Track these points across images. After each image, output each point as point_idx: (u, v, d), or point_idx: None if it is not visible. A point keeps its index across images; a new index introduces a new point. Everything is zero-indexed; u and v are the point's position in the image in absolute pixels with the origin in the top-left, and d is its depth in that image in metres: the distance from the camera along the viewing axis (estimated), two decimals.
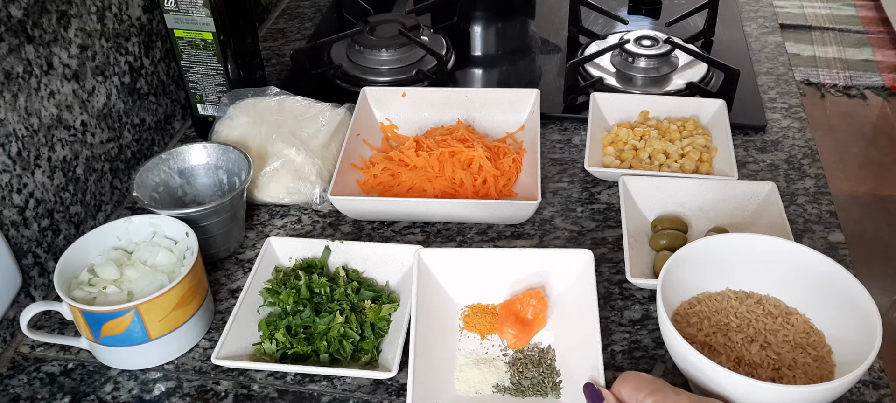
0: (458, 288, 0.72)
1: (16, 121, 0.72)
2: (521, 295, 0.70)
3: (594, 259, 0.69)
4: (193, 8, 0.86)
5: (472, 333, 0.71)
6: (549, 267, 0.71)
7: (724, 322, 0.65)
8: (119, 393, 0.69)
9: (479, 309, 0.72)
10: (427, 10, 1.20)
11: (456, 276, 0.72)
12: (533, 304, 0.69)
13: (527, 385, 0.65)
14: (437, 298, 0.71)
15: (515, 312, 0.69)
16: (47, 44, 0.75)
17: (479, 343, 0.70)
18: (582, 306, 0.68)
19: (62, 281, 0.68)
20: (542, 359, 0.67)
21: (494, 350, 0.69)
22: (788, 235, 0.73)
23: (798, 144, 0.94)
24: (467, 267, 0.72)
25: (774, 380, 0.60)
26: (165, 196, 0.82)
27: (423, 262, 0.70)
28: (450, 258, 0.71)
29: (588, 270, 0.69)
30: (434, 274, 0.71)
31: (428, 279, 0.71)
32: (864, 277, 0.63)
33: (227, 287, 0.79)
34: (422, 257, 0.70)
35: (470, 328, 0.71)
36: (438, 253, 0.71)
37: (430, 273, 0.71)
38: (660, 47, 1.04)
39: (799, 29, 2.97)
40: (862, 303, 0.61)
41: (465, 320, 0.71)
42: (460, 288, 0.72)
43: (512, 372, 0.67)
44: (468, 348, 0.69)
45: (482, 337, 0.70)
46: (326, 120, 0.91)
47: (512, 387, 0.66)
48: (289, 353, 0.69)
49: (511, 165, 0.87)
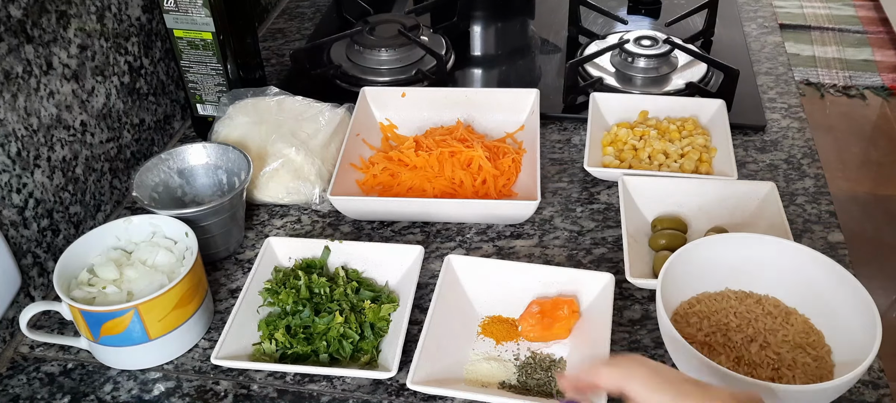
0: (481, 298, 0.73)
1: (15, 121, 0.72)
2: (555, 299, 0.71)
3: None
4: (193, 8, 0.86)
5: (488, 338, 0.71)
6: (573, 286, 0.72)
7: (723, 321, 0.65)
8: (118, 393, 0.69)
9: (498, 320, 0.72)
10: (427, 10, 1.20)
11: (481, 286, 0.73)
12: (564, 309, 0.69)
13: (532, 385, 0.66)
14: (460, 302, 0.72)
15: (543, 310, 0.70)
16: (47, 44, 0.75)
17: (494, 346, 0.71)
18: (598, 326, 0.68)
19: (62, 281, 0.68)
20: (552, 367, 0.68)
21: (507, 354, 0.70)
22: (788, 235, 0.74)
23: (797, 144, 0.94)
24: (494, 277, 0.73)
25: (774, 380, 0.60)
26: (165, 196, 0.82)
27: (452, 267, 0.72)
28: (478, 267, 0.73)
29: (607, 292, 0.70)
30: (461, 280, 0.73)
31: (454, 284, 0.72)
32: (864, 277, 0.63)
33: (227, 287, 0.79)
34: (451, 262, 0.73)
35: (487, 333, 0.71)
36: (467, 261, 0.73)
37: (457, 279, 0.73)
38: (659, 47, 1.04)
39: (798, 29, 2.97)
40: (861, 303, 0.61)
41: (482, 326, 0.72)
42: (483, 299, 0.73)
43: (520, 373, 0.68)
44: (482, 348, 0.70)
45: (497, 343, 0.71)
46: (326, 120, 0.91)
47: (517, 385, 0.66)
48: (288, 353, 0.69)
49: (510, 165, 0.87)
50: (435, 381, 0.64)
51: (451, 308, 0.70)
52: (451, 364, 0.68)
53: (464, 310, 0.72)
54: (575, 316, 0.70)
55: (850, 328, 0.61)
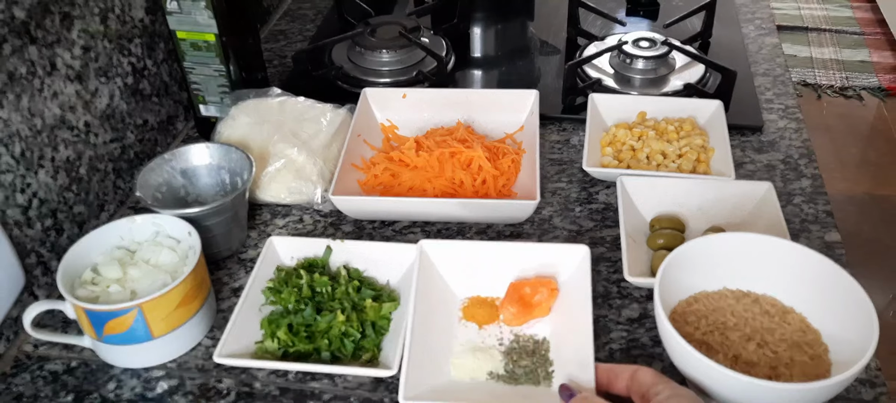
0: (458, 280, 0.74)
1: (19, 121, 0.73)
2: (532, 280, 0.71)
3: (591, 256, 0.70)
4: (196, 10, 0.86)
5: (470, 323, 0.72)
6: (549, 261, 0.73)
7: (721, 320, 0.65)
8: (122, 392, 0.69)
9: (478, 301, 0.73)
10: (427, 11, 1.21)
11: (457, 268, 0.73)
12: (543, 292, 0.70)
13: (520, 374, 0.67)
14: (438, 289, 0.72)
15: (522, 293, 0.70)
16: (50, 45, 0.76)
17: (476, 332, 0.71)
18: (578, 300, 0.69)
19: (65, 280, 0.68)
20: (537, 350, 0.69)
21: (491, 340, 0.70)
22: (785, 235, 0.74)
23: (795, 145, 0.95)
24: (469, 259, 0.73)
25: (771, 378, 0.61)
26: (168, 196, 0.82)
27: (426, 253, 0.72)
28: (452, 250, 0.73)
29: (584, 265, 0.70)
30: (436, 265, 0.73)
31: (430, 270, 0.72)
32: (861, 276, 0.63)
33: (230, 286, 0.79)
34: (424, 248, 0.72)
35: (468, 317, 0.72)
36: (441, 245, 0.73)
37: (432, 264, 0.73)
38: (657, 49, 1.05)
39: (796, 30, 2.98)
40: (858, 302, 0.61)
41: (463, 310, 0.73)
42: (461, 281, 0.74)
43: (506, 361, 0.68)
44: (465, 336, 0.71)
45: (480, 327, 0.71)
46: (328, 120, 0.92)
47: (505, 375, 0.67)
48: (290, 351, 0.70)
49: (510, 165, 0.88)
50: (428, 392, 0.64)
51: (431, 294, 0.71)
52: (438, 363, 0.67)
53: (444, 295, 0.73)
54: (554, 293, 0.71)
55: (846, 326, 0.62)
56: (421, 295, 0.69)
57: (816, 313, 0.65)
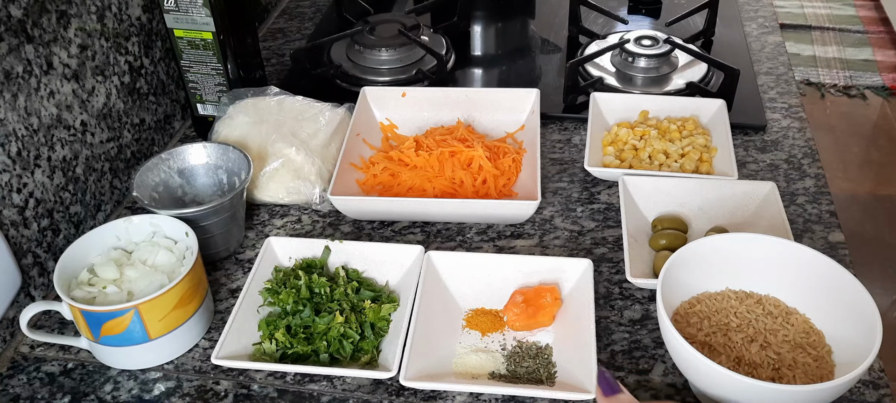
0: (462, 292, 0.74)
1: (15, 120, 0.72)
2: (537, 287, 0.72)
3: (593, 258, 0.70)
4: (193, 8, 0.86)
5: (474, 331, 0.72)
6: (553, 273, 0.73)
7: (723, 321, 0.65)
8: (119, 393, 0.69)
9: (482, 312, 0.73)
10: (427, 9, 1.20)
11: (462, 279, 0.74)
12: (547, 297, 0.70)
13: (522, 373, 0.67)
14: (442, 299, 0.73)
15: (526, 298, 0.70)
16: (47, 43, 0.75)
17: (480, 338, 0.71)
18: (580, 310, 0.69)
19: (62, 280, 0.68)
20: (539, 354, 0.69)
21: (494, 345, 0.70)
22: (788, 235, 0.73)
23: (798, 144, 0.94)
24: (473, 271, 0.74)
25: (774, 380, 0.60)
26: (165, 196, 0.82)
27: (432, 264, 0.73)
28: (457, 261, 0.74)
29: (587, 277, 0.71)
30: (441, 275, 0.73)
31: (434, 280, 0.72)
32: (864, 277, 0.63)
33: (227, 287, 0.79)
34: (430, 259, 0.73)
35: (472, 327, 0.72)
36: (446, 257, 0.74)
37: (438, 275, 0.73)
38: (660, 47, 1.04)
39: (799, 29, 2.97)
40: (862, 303, 0.61)
41: (467, 320, 0.73)
42: (465, 292, 0.74)
43: (508, 362, 0.68)
44: (468, 341, 0.71)
45: (483, 335, 0.71)
46: (326, 119, 0.91)
47: (507, 375, 0.67)
48: (289, 353, 0.69)
49: (511, 165, 0.87)
50: (427, 376, 0.65)
51: (435, 304, 0.71)
52: (440, 358, 0.68)
53: (447, 305, 0.73)
54: (557, 302, 0.71)
55: (850, 328, 0.61)
56: (425, 304, 0.70)
57: (820, 314, 0.65)
